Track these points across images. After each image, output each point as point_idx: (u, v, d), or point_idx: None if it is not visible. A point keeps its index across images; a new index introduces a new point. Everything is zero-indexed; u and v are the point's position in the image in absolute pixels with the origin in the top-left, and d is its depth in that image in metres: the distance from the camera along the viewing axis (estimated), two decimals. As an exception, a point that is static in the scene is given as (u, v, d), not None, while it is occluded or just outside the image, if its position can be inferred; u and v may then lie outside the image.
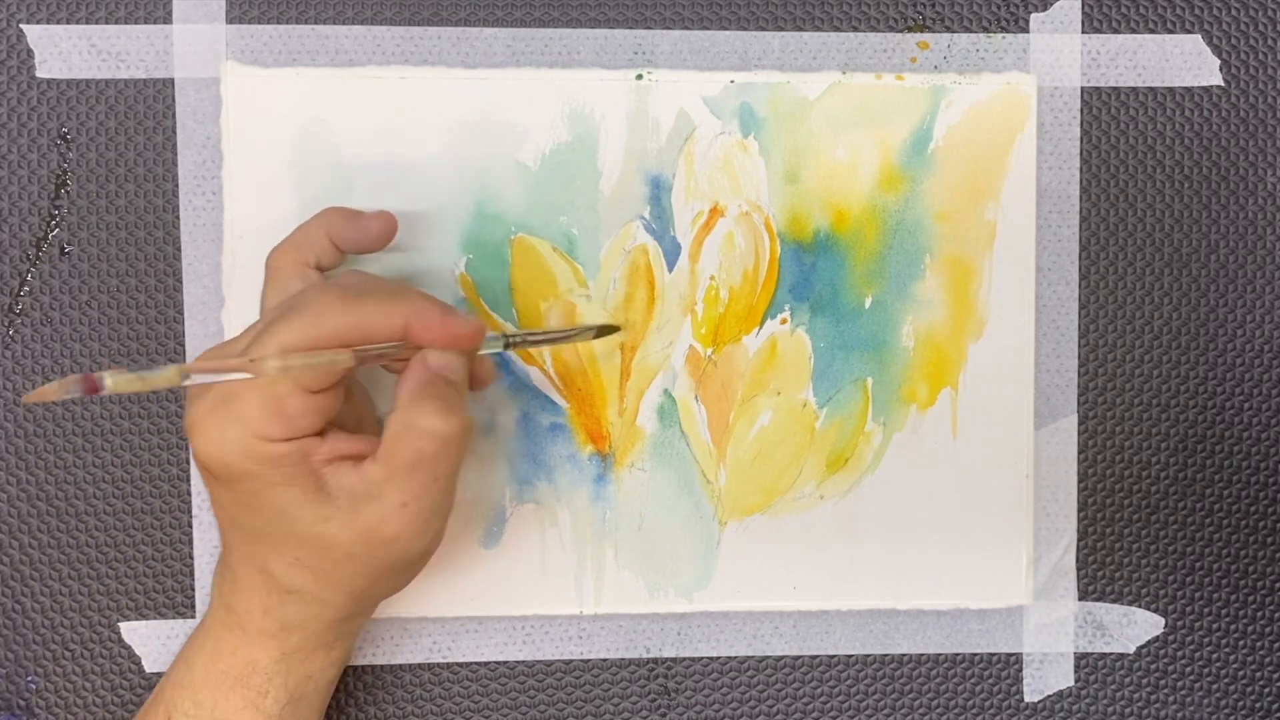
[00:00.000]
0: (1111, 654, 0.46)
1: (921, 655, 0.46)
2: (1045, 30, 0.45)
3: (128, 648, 0.44)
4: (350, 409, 0.40)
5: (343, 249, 0.41)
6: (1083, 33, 0.45)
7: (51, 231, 0.43)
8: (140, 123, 0.43)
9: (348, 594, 0.38)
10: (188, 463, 0.44)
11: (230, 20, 0.43)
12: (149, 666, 0.44)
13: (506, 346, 0.41)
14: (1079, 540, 0.46)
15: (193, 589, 0.44)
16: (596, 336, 0.43)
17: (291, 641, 0.38)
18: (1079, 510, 0.46)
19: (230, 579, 0.38)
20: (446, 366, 0.38)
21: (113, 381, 0.32)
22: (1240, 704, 0.46)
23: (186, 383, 0.34)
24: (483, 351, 0.40)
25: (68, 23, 0.43)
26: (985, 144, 0.45)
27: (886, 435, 0.45)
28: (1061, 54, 0.45)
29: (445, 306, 0.38)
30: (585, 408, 0.44)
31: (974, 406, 0.45)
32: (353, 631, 0.40)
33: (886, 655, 0.46)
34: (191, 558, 0.44)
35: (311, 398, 0.36)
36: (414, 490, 0.37)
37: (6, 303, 0.43)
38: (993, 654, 0.46)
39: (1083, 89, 0.45)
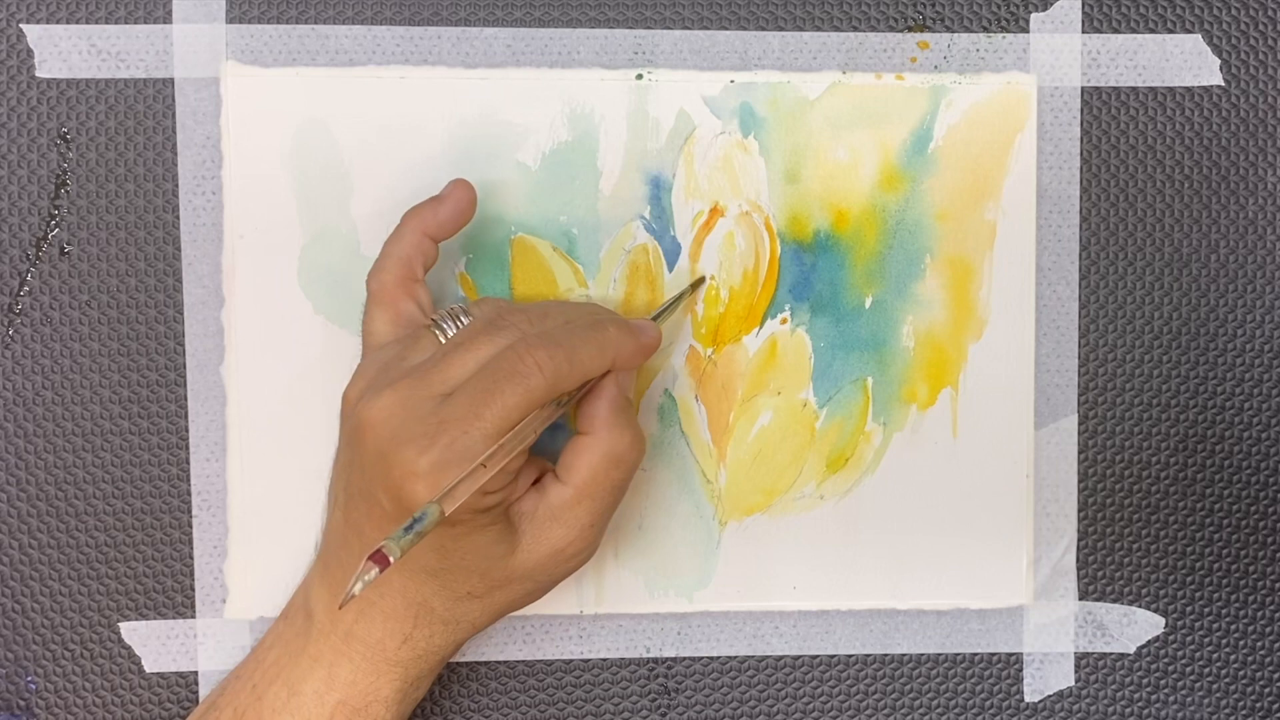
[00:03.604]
0: (1111, 654, 0.46)
1: (921, 655, 0.46)
2: (1045, 30, 0.45)
3: (128, 648, 0.44)
4: None
5: (439, 238, 0.40)
6: (1083, 32, 0.45)
7: (51, 231, 0.43)
8: (140, 123, 0.43)
9: (495, 614, 0.39)
10: (188, 463, 0.44)
11: (230, 20, 0.43)
12: (149, 666, 0.44)
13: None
14: (1079, 540, 0.46)
15: (193, 589, 0.44)
16: (693, 290, 0.44)
17: (416, 670, 0.39)
18: (1079, 510, 0.46)
19: (362, 609, 0.38)
20: (630, 386, 0.39)
21: (398, 547, 0.32)
22: (1240, 704, 0.46)
23: (453, 510, 0.34)
24: None
25: (68, 23, 0.43)
26: (985, 144, 0.45)
27: (886, 435, 0.45)
28: (1061, 54, 0.45)
29: (627, 322, 0.39)
30: (585, 408, 0.44)
31: (974, 406, 0.45)
32: None
33: (886, 655, 0.46)
34: (191, 558, 0.44)
35: (528, 444, 0.36)
36: (602, 510, 0.38)
37: (6, 303, 0.43)
38: (993, 654, 0.46)
39: (1083, 89, 0.45)
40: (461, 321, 0.39)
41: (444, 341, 0.38)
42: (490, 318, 0.38)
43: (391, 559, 0.31)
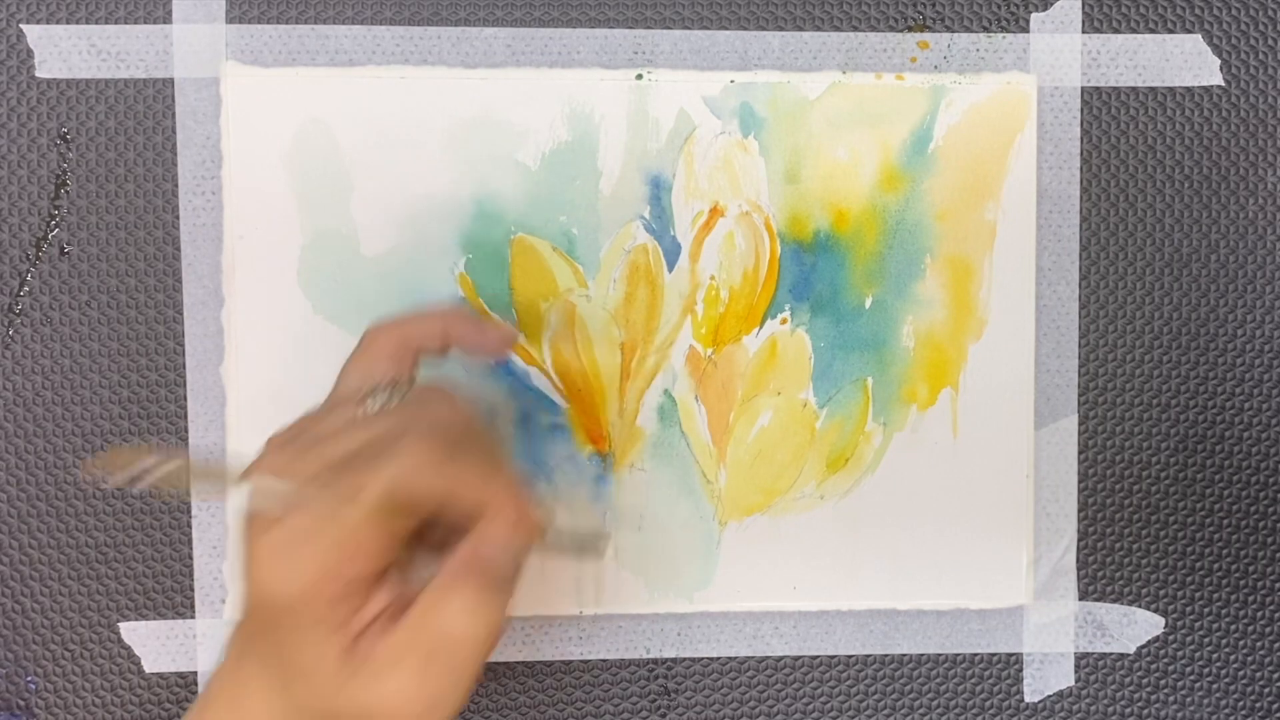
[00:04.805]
0: (1111, 654, 0.46)
1: (921, 655, 0.46)
2: (1045, 30, 0.45)
3: (127, 648, 0.44)
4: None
5: (453, 347, 0.39)
6: (1083, 32, 0.45)
7: (51, 231, 0.43)
8: (140, 123, 0.43)
9: None
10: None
11: (230, 20, 0.43)
12: (149, 667, 0.44)
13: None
14: (1079, 540, 0.46)
15: (192, 589, 0.44)
16: (595, 542, 0.43)
17: None
18: (1079, 510, 0.46)
19: (242, 693, 0.35)
20: (498, 562, 0.34)
21: (171, 466, 0.30)
22: (1240, 704, 0.46)
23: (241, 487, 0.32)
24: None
25: (68, 23, 0.43)
26: (985, 144, 0.45)
27: (886, 435, 0.45)
28: (1061, 54, 0.45)
29: (525, 489, 0.35)
30: (585, 408, 0.44)
31: (974, 406, 0.45)
32: None
33: (886, 655, 0.46)
34: (191, 558, 0.44)
35: (388, 535, 0.33)
36: (429, 676, 0.33)
37: (6, 303, 0.43)
38: (993, 654, 0.46)
39: (1083, 89, 0.45)
40: (392, 401, 0.37)
41: (359, 414, 0.36)
42: (403, 415, 0.36)
43: (89, 474, 0.29)
